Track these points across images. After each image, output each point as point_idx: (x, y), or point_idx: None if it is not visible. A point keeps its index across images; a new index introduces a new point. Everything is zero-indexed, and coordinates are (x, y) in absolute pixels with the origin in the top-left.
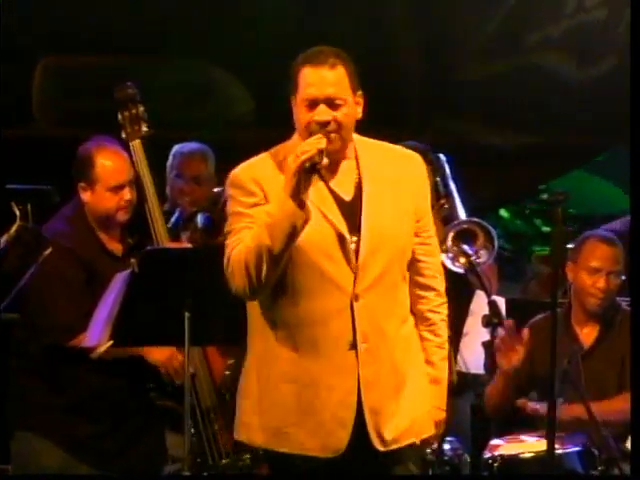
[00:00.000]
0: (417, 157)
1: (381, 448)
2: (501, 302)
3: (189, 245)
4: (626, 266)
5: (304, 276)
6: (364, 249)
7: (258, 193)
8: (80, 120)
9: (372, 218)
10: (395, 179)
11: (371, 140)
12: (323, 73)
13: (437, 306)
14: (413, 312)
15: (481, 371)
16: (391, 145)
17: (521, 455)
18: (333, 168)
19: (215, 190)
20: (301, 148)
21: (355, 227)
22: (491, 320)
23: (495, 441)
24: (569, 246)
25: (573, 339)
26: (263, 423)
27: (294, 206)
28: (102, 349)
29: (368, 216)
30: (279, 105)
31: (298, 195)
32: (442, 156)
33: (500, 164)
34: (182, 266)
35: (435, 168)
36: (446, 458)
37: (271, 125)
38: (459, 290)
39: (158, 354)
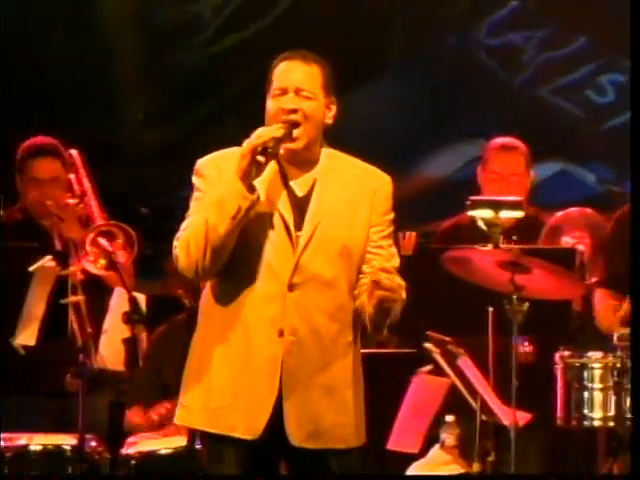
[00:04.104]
0: (384, 176)
1: (294, 443)
2: (142, 298)
3: None
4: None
5: (248, 263)
6: (304, 242)
7: (217, 180)
8: None
9: (318, 215)
10: (353, 188)
11: (342, 153)
12: (296, 65)
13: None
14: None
15: (121, 368)
16: (361, 162)
17: (159, 451)
18: (295, 166)
19: None
20: (257, 132)
21: (302, 222)
22: (131, 317)
23: (132, 438)
24: None
25: None
26: (203, 405)
27: (242, 187)
28: None
29: (314, 213)
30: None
31: (247, 178)
32: (74, 152)
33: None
34: None
35: (68, 165)
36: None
37: None
38: (99, 287)
39: None
